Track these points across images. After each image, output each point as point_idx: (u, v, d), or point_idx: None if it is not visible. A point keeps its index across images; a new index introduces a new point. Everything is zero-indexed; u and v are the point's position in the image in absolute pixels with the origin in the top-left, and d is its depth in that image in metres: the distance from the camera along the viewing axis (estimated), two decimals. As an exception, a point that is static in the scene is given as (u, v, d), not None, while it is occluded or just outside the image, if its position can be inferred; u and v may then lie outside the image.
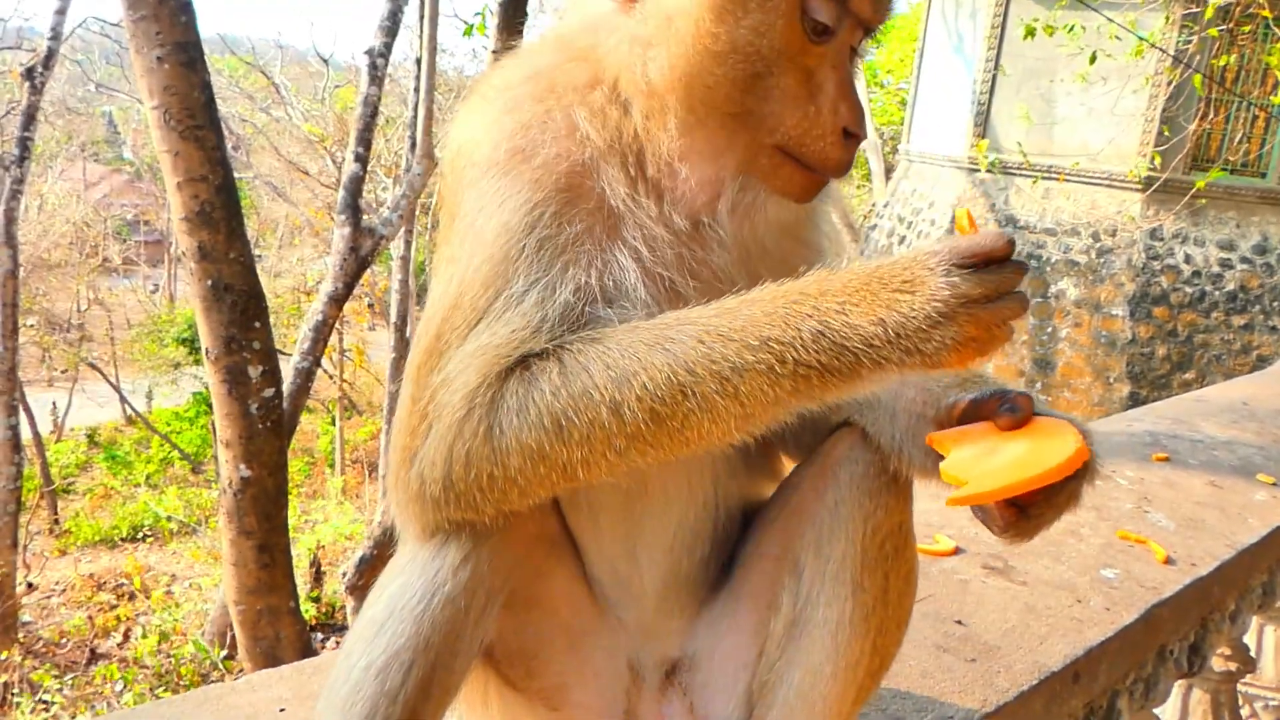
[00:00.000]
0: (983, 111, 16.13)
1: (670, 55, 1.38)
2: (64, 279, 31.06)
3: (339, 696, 1.43)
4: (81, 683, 13.16)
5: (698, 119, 1.41)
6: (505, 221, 1.38)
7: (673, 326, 1.29)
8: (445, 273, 1.43)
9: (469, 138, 1.47)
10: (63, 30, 14.57)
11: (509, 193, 1.39)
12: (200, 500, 21.28)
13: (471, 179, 1.43)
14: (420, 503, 1.38)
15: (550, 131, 1.42)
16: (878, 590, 1.52)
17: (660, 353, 1.26)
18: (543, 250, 1.36)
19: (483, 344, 1.34)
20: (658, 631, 1.68)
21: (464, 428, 1.32)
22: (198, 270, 7.51)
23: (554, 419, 1.28)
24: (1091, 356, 15.26)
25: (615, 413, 1.27)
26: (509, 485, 1.32)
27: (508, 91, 1.48)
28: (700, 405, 1.25)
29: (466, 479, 1.33)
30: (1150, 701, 2.90)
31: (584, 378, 1.28)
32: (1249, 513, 3.46)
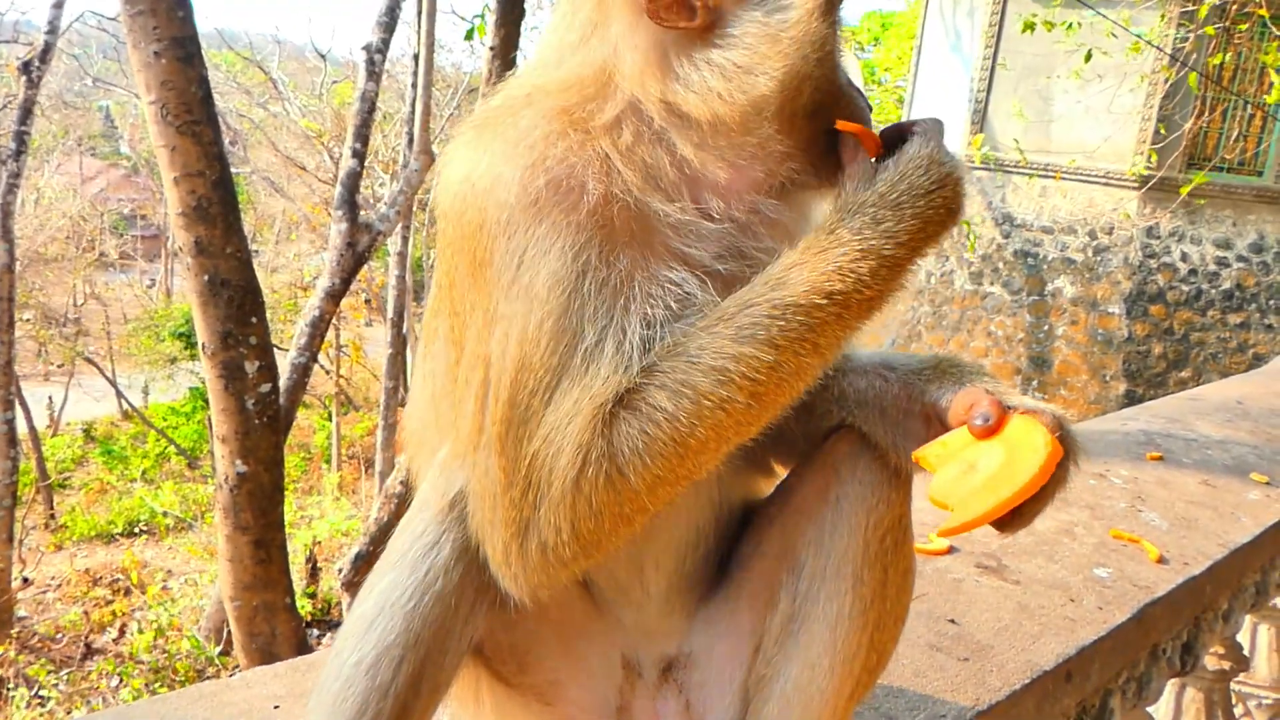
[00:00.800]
0: (980, 109, 16.14)
1: (779, 65, 1.39)
2: (60, 273, 31.02)
3: (330, 692, 1.44)
4: (77, 678, 13.16)
5: (790, 122, 1.43)
6: (554, 271, 1.34)
7: (742, 313, 1.34)
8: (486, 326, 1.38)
9: (485, 179, 1.39)
10: (60, 24, 14.55)
11: (550, 240, 1.35)
12: (196, 495, 21.27)
13: (500, 227, 1.36)
14: (546, 569, 1.38)
15: (579, 172, 1.38)
16: (877, 584, 1.54)
17: (745, 344, 1.32)
18: (602, 293, 1.35)
19: (576, 398, 1.33)
20: (656, 630, 1.69)
21: (582, 482, 1.32)
22: (194, 265, 7.51)
23: (675, 441, 1.32)
24: (1088, 354, 15.29)
25: (724, 409, 1.32)
26: (639, 514, 1.36)
27: (528, 128, 1.41)
28: (791, 371, 1.33)
29: (599, 529, 1.34)
30: (1143, 700, 2.91)
31: (691, 394, 1.32)
32: (1242, 512, 3.47)
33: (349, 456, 25.08)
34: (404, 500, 8.94)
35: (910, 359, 1.60)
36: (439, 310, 1.49)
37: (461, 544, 1.46)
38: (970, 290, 16.06)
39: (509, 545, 1.37)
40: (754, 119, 1.41)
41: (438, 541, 1.46)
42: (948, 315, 16.13)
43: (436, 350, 1.54)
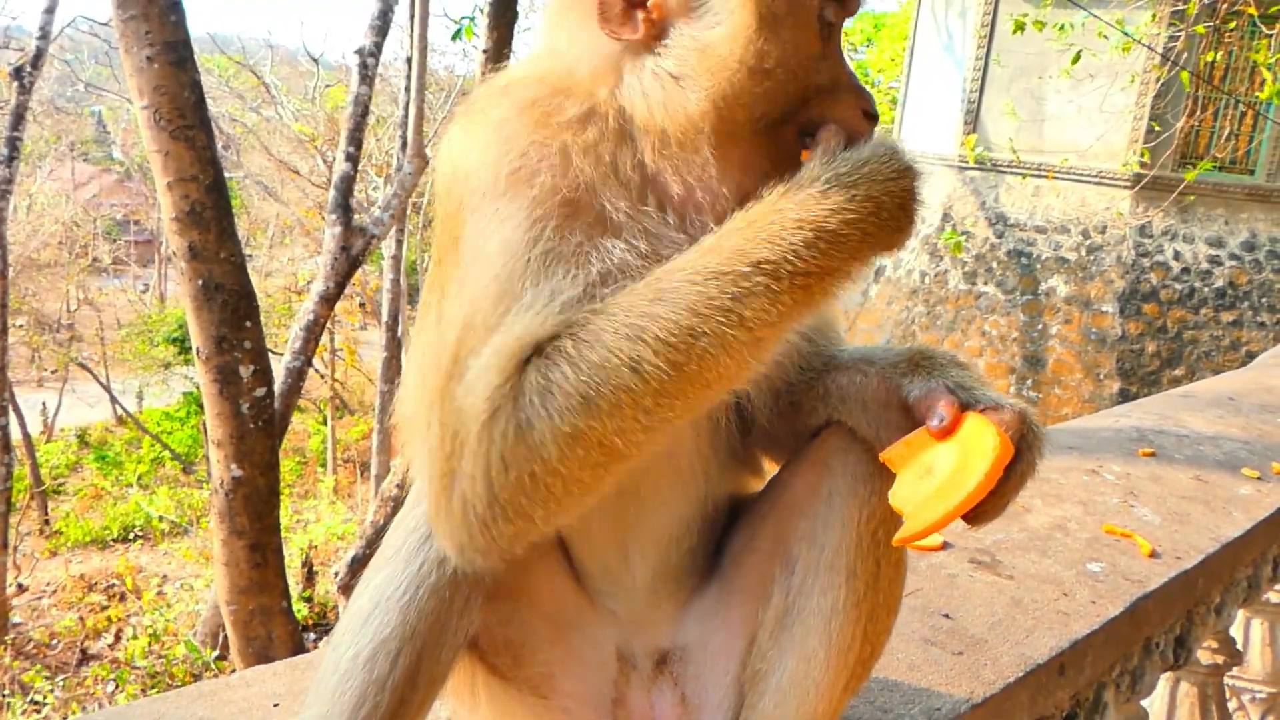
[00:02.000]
0: (973, 110, 16.17)
1: (710, 82, 1.40)
2: (53, 279, 30.92)
3: (328, 686, 1.46)
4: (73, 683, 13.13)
5: (731, 138, 1.43)
6: (507, 238, 1.39)
7: (664, 279, 1.32)
8: (454, 294, 1.43)
9: (466, 163, 1.47)
10: (51, 29, 14.52)
11: (509, 212, 1.40)
12: (192, 500, 21.22)
13: (472, 204, 1.43)
14: (468, 528, 1.35)
15: (546, 161, 1.43)
16: (869, 577, 1.55)
17: (662, 305, 1.29)
18: (548, 262, 1.38)
19: (497, 345, 1.34)
20: (647, 621, 1.71)
21: (493, 430, 1.31)
22: (188, 270, 7.50)
23: (580, 394, 1.29)
24: (1082, 353, 15.32)
25: (636, 371, 1.28)
26: (553, 479, 1.30)
27: (502, 119, 1.47)
28: (712, 342, 1.28)
29: (509, 485, 1.31)
30: (1136, 694, 2.93)
31: (598, 347, 1.29)
32: (1234, 506, 3.49)
33: (344, 460, 25.05)
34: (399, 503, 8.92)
35: (888, 352, 1.60)
36: (431, 285, 1.53)
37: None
38: (964, 290, 16.09)
39: (438, 499, 1.37)
40: (694, 136, 1.43)
41: (431, 535, 1.47)
42: (942, 315, 16.16)
43: (426, 323, 1.55)
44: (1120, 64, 12.99)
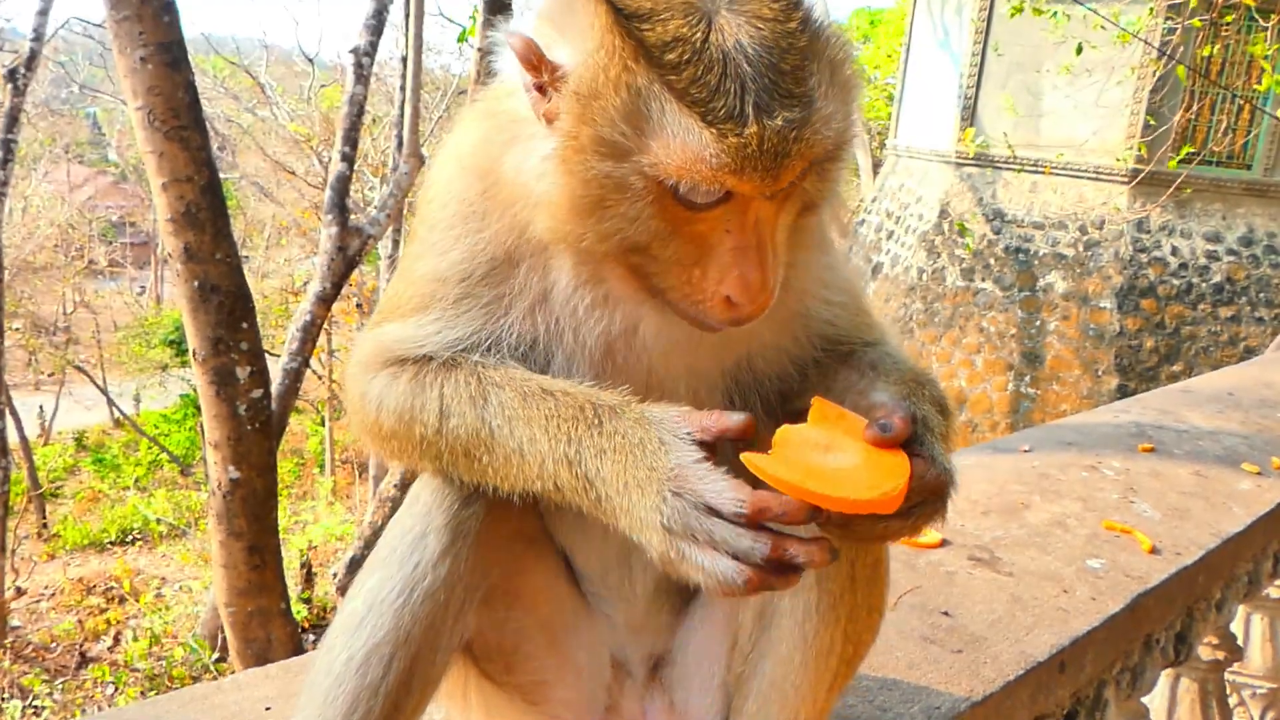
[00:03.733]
0: (969, 106, 16.17)
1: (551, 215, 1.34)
2: (49, 282, 30.88)
3: (321, 689, 1.44)
4: (72, 686, 13.12)
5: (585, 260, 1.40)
6: (440, 269, 1.50)
7: (495, 389, 1.41)
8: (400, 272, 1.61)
9: (431, 187, 1.58)
10: (45, 31, 14.48)
11: (450, 250, 1.50)
12: (189, 502, 21.20)
13: (431, 218, 1.55)
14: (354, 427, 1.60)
15: (488, 212, 1.47)
16: (844, 578, 1.53)
17: (477, 405, 1.41)
18: (460, 303, 1.49)
19: (384, 333, 1.53)
20: (645, 628, 1.70)
21: (353, 386, 1.56)
22: (184, 271, 7.47)
23: (397, 416, 1.47)
24: (1080, 349, 15.32)
25: (439, 432, 1.43)
26: (380, 443, 1.54)
27: (462, 154, 1.53)
28: (494, 464, 1.40)
29: (360, 424, 1.56)
30: (1137, 691, 2.91)
31: (423, 398, 1.45)
32: (1234, 502, 3.47)
33: (342, 461, 25.02)
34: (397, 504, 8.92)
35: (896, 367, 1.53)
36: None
37: (449, 540, 1.45)
38: (962, 286, 16.09)
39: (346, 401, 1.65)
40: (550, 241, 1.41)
41: (425, 536, 1.46)
42: (940, 312, 16.15)
43: None
44: (1117, 58, 12.99)
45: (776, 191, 1.28)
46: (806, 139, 1.23)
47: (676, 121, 1.22)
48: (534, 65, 1.29)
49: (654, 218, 1.28)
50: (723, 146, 1.20)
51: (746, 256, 1.29)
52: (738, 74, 1.21)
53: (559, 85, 1.28)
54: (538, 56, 1.28)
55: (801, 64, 1.24)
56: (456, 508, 1.46)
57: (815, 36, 1.28)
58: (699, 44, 1.21)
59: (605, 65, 1.24)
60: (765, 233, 1.31)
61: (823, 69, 1.27)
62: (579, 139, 1.26)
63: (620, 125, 1.24)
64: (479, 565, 1.48)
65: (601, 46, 1.24)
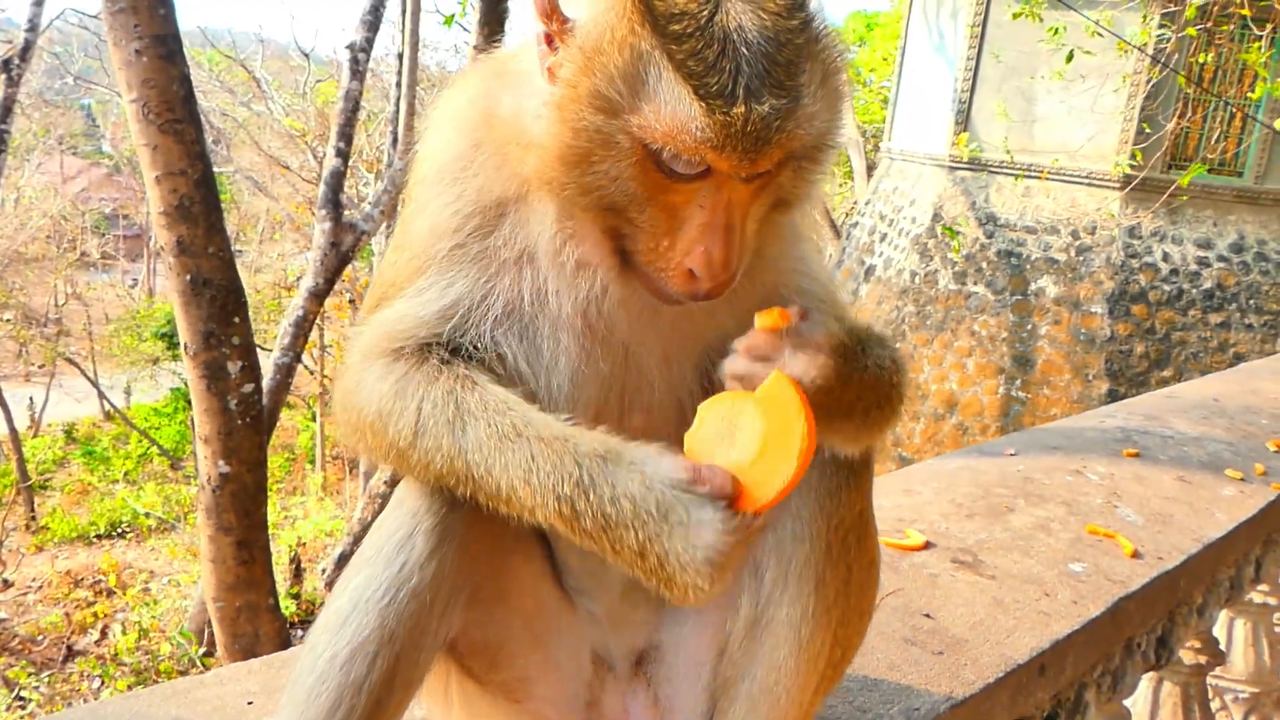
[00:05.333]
0: (964, 110, 16.20)
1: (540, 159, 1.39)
2: (41, 273, 30.81)
3: (304, 686, 1.44)
4: (58, 680, 13.09)
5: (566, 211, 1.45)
6: (433, 224, 1.53)
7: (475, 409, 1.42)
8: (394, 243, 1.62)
9: (425, 144, 1.61)
10: (40, 22, 14.43)
11: (444, 200, 1.53)
12: (179, 496, 21.16)
13: (424, 176, 1.58)
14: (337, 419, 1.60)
15: (480, 162, 1.51)
16: (840, 583, 1.54)
17: (455, 428, 1.42)
18: (452, 255, 1.51)
19: (383, 317, 1.55)
20: (627, 621, 1.70)
21: (348, 377, 1.55)
22: (176, 265, 7.45)
23: (379, 416, 1.48)
24: (1070, 354, 15.36)
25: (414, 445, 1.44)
26: (361, 439, 1.53)
27: (458, 109, 1.58)
28: (473, 485, 1.41)
29: (344, 416, 1.55)
30: (1118, 694, 2.93)
31: (408, 414, 1.45)
32: (1217, 508, 3.50)
33: (333, 457, 24.99)
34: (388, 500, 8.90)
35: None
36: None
37: (436, 542, 1.46)
38: (954, 290, 16.12)
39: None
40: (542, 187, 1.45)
41: (412, 537, 1.47)
42: (932, 315, 16.18)
43: None
44: (1111, 65, 13.02)
45: (752, 175, 1.33)
46: (788, 130, 1.29)
47: (670, 89, 1.28)
48: (547, 15, 1.35)
49: (634, 180, 1.34)
50: (709, 121, 1.26)
51: (714, 234, 1.35)
52: (735, 55, 1.27)
53: (566, 39, 1.34)
54: (552, 7, 1.34)
55: (796, 59, 1.30)
56: (444, 511, 1.47)
57: (813, 39, 1.34)
58: (704, 20, 1.27)
59: (613, 25, 1.30)
60: (736, 216, 1.36)
61: (815, 70, 1.33)
62: (577, 89, 1.32)
63: (617, 83, 1.30)
64: (465, 565, 1.49)
65: (612, 7, 1.31)
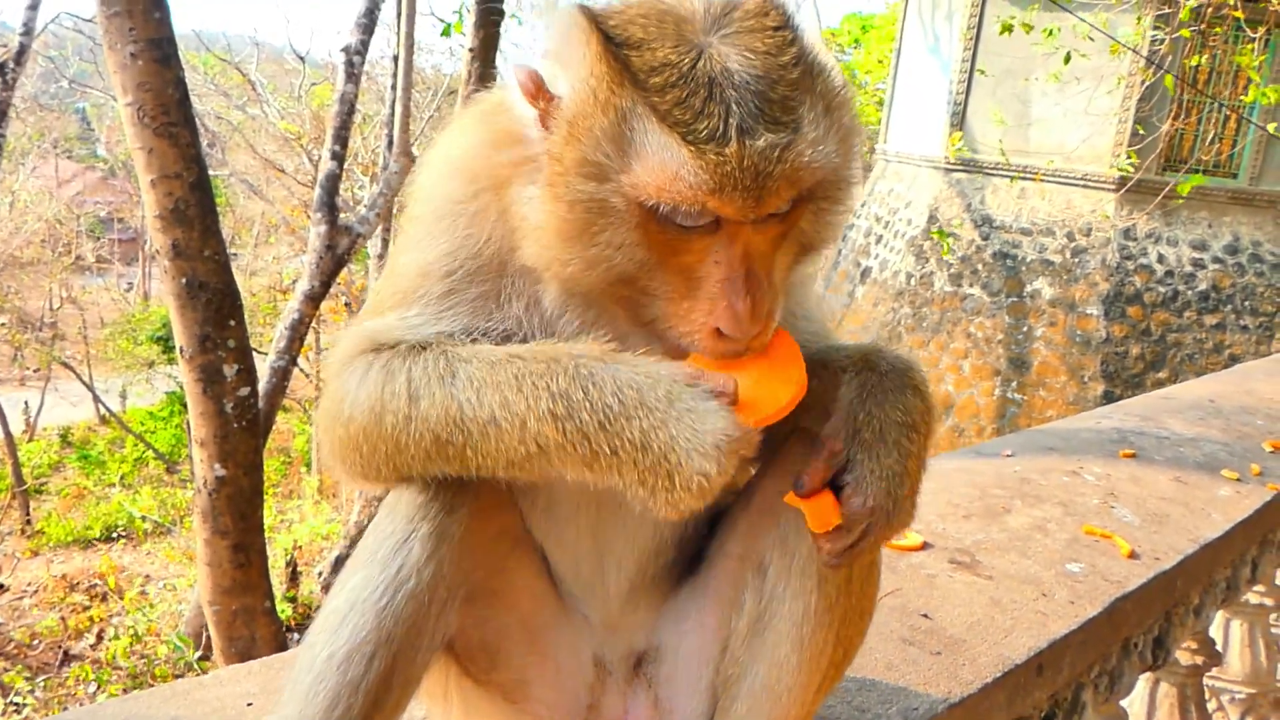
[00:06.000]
0: (959, 112, 16.23)
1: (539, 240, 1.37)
2: (36, 277, 30.71)
3: (302, 686, 1.44)
4: (54, 684, 13.05)
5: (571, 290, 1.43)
6: (426, 262, 1.51)
7: (463, 361, 1.39)
8: (385, 271, 1.61)
9: (429, 174, 1.58)
10: (35, 26, 14.43)
11: (439, 240, 1.51)
12: (175, 500, 21.12)
13: (420, 214, 1.56)
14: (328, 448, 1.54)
15: (475, 212, 1.49)
16: (841, 580, 1.55)
17: (445, 384, 1.38)
18: (446, 298, 1.49)
19: (366, 325, 1.52)
20: (623, 626, 1.70)
21: (330, 389, 1.51)
22: (172, 268, 7.45)
23: (369, 409, 1.43)
24: (1066, 355, 15.39)
25: (409, 421, 1.39)
26: (353, 449, 1.47)
27: (464, 145, 1.53)
28: (469, 441, 1.36)
29: (332, 433, 1.49)
30: (1115, 694, 2.94)
31: (393, 385, 1.41)
32: (1213, 508, 3.51)
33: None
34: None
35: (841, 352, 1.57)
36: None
37: (434, 545, 1.46)
38: (950, 292, 16.14)
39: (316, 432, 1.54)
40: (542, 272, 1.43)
41: (409, 540, 1.47)
42: (928, 317, 16.20)
43: None
44: (1106, 67, 13.06)
45: (762, 217, 1.29)
46: (790, 161, 1.25)
47: (657, 140, 1.25)
48: (534, 96, 1.33)
49: (640, 245, 1.31)
50: (701, 164, 1.22)
51: (735, 286, 1.30)
52: (723, 98, 1.24)
53: (556, 115, 1.32)
54: (538, 88, 1.33)
55: (791, 94, 1.27)
56: (440, 515, 1.47)
57: (809, 73, 1.31)
58: (686, 69, 1.25)
59: (594, 89, 1.28)
60: (757, 265, 1.32)
61: (816, 103, 1.30)
62: (563, 161, 1.29)
63: (604, 146, 1.27)
64: (462, 567, 1.49)
65: (592, 73, 1.28)
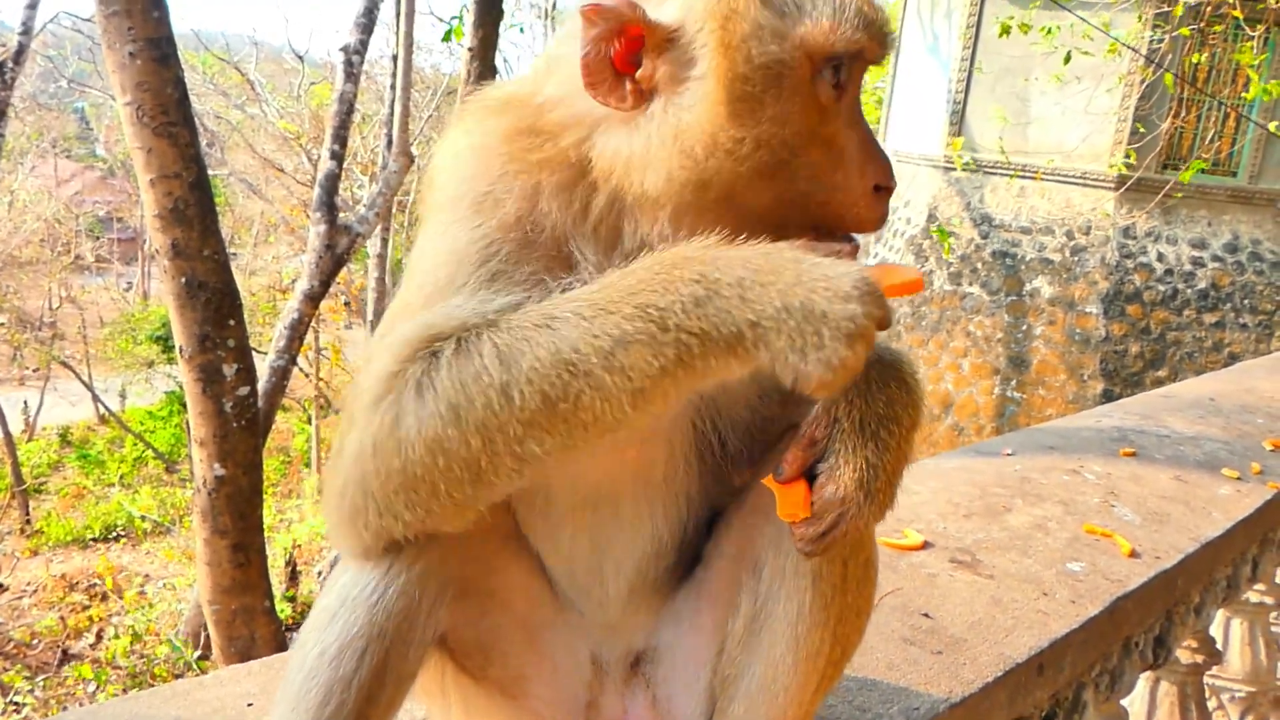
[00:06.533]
0: (958, 111, 16.22)
1: (679, 164, 1.36)
2: (36, 276, 30.72)
3: (295, 683, 1.45)
4: (53, 683, 13.05)
5: (712, 218, 1.37)
6: (457, 248, 1.42)
7: (559, 304, 1.27)
8: (406, 276, 1.50)
9: (448, 169, 1.52)
10: (34, 25, 14.42)
11: (467, 227, 1.43)
12: (174, 499, 21.12)
13: (439, 204, 1.50)
14: (340, 512, 1.37)
15: (514, 194, 1.45)
16: (837, 578, 1.54)
17: (545, 332, 1.24)
18: (492, 277, 1.40)
19: (403, 330, 1.34)
20: (620, 627, 1.70)
21: (373, 415, 1.31)
22: (171, 268, 7.45)
23: (449, 403, 1.26)
24: (1065, 354, 15.39)
25: (505, 394, 1.23)
26: (418, 483, 1.29)
27: (483, 144, 1.49)
28: (588, 384, 1.21)
29: (376, 475, 1.31)
30: (1116, 693, 2.94)
31: (476, 360, 1.25)
32: (1213, 507, 3.51)
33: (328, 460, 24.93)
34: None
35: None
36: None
37: (423, 537, 1.45)
38: (949, 290, 16.14)
39: (327, 479, 1.42)
40: (668, 208, 1.39)
41: None
42: (927, 315, 16.21)
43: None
44: (1105, 66, 13.06)
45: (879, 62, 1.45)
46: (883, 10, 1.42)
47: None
48: (624, 34, 1.35)
49: (802, 113, 1.36)
50: (856, 5, 1.36)
51: (873, 141, 1.43)
52: None
53: (670, 44, 1.36)
54: (637, 23, 1.35)
55: None
56: None
57: None
58: None
59: None
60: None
61: None
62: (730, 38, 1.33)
63: (768, 16, 1.34)
64: (451, 562, 1.49)
65: None
